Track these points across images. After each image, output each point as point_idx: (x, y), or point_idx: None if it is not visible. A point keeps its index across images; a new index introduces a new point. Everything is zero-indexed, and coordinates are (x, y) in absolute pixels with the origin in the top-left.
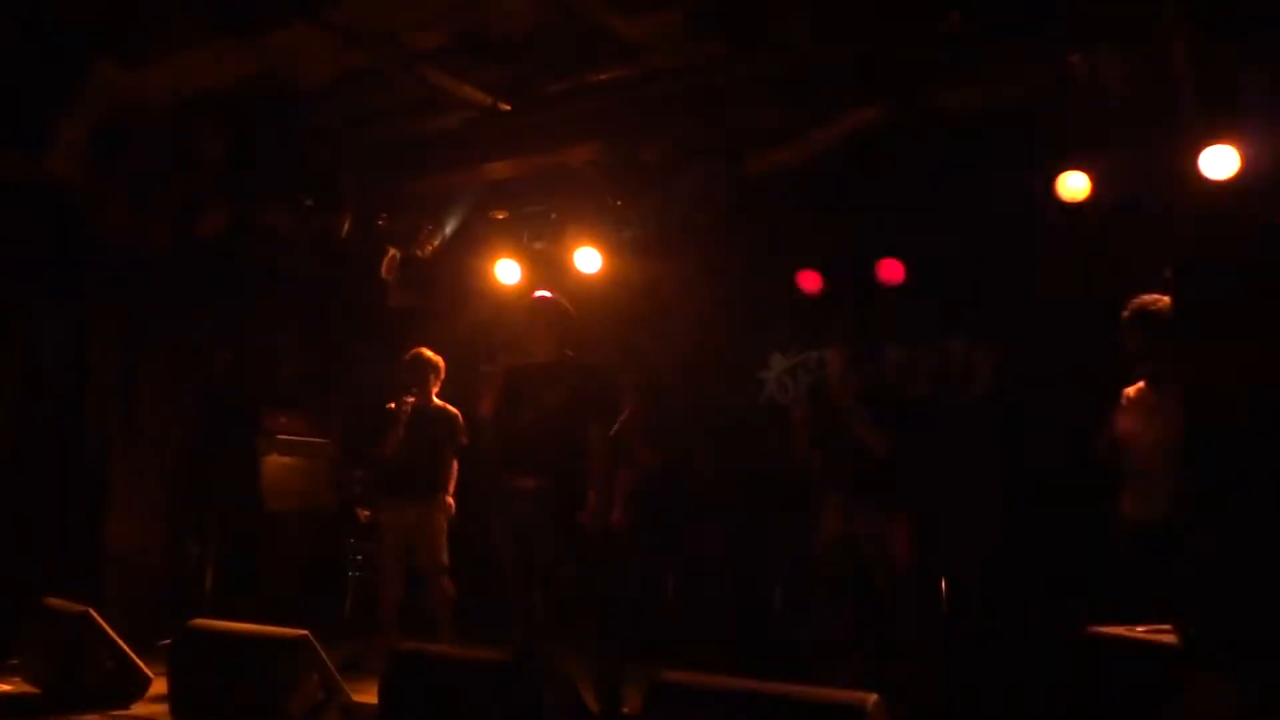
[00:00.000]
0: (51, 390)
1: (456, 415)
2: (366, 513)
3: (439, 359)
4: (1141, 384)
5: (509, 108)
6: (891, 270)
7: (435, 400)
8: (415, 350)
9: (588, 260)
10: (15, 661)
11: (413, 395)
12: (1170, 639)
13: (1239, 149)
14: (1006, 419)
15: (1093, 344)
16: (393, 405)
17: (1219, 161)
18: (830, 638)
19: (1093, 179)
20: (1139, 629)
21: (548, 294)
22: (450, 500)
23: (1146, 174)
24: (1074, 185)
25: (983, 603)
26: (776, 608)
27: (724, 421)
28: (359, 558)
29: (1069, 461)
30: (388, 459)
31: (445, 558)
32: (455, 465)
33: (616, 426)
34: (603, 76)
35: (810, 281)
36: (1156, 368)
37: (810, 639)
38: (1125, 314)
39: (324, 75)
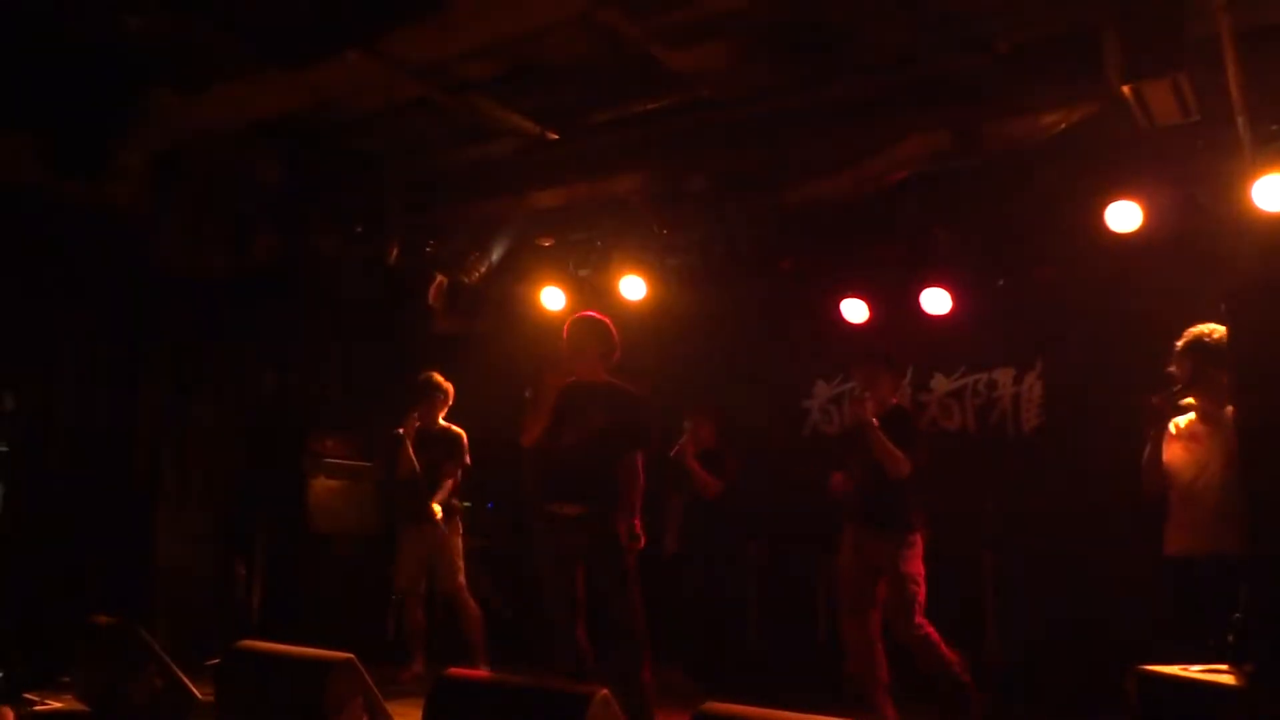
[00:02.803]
0: (102, 410)
1: (460, 436)
2: None
3: (448, 385)
4: (1193, 415)
5: (556, 136)
6: (937, 300)
7: (440, 422)
8: (426, 373)
9: (633, 288)
10: (66, 679)
11: (417, 419)
12: (1229, 679)
13: None
14: (1055, 451)
15: (1144, 376)
16: (400, 430)
17: (1274, 192)
18: (857, 669)
19: (1144, 209)
20: (1194, 669)
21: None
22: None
23: (1199, 204)
24: (1125, 215)
25: (1027, 639)
26: (821, 638)
27: (768, 450)
28: None
29: (1120, 495)
30: (402, 483)
31: (462, 577)
32: (451, 483)
33: (675, 448)
34: (650, 106)
35: (855, 310)
36: (1207, 399)
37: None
38: (1178, 344)
39: (376, 103)
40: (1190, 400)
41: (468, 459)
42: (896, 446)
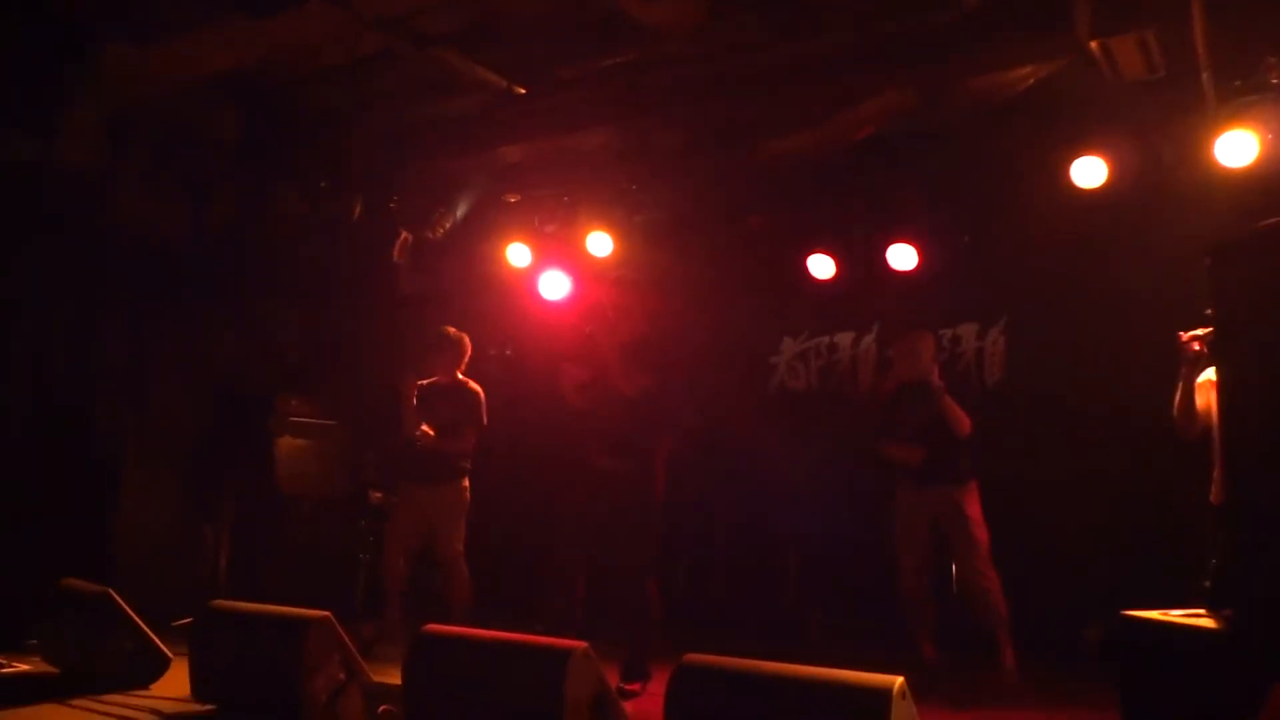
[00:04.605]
0: (62, 374)
1: (477, 393)
2: (379, 495)
3: (464, 336)
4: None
5: (524, 91)
6: (903, 256)
7: (459, 377)
8: (440, 328)
9: (600, 245)
10: (34, 641)
11: (419, 374)
12: (1208, 623)
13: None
14: (1018, 405)
15: (1107, 329)
16: (400, 386)
17: (1236, 148)
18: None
19: (1109, 165)
20: (1175, 613)
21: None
22: (466, 483)
23: (1163, 160)
24: (1090, 171)
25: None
26: (789, 592)
27: (735, 405)
28: (371, 540)
29: (1082, 447)
30: (410, 441)
31: (462, 544)
32: (472, 445)
33: None
34: (619, 60)
35: (822, 267)
36: None
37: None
38: None
39: (338, 57)
40: None
41: (485, 419)
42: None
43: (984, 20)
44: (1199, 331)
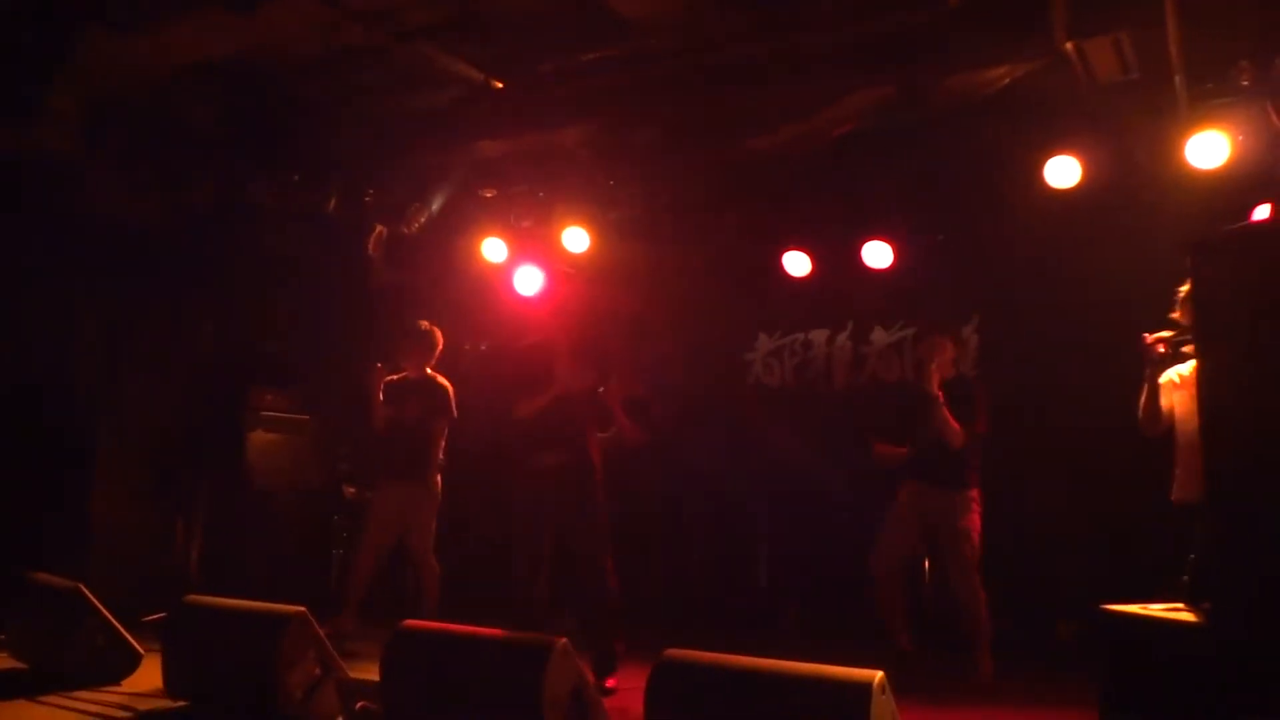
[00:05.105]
0: (36, 364)
1: (448, 388)
2: (353, 490)
3: (437, 331)
4: (1196, 363)
5: (501, 85)
6: (879, 254)
7: (428, 372)
8: (414, 321)
9: (576, 240)
10: (2, 636)
11: (389, 367)
12: (1189, 617)
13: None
14: (991, 402)
15: (1078, 328)
16: (366, 379)
17: (1207, 150)
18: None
19: (1083, 165)
20: (1155, 608)
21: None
22: (438, 478)
23: (1136, 161)
24: (1064, 171)
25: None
26: (762, 587)
27: (710, 401)
28: (345, 535)
29: (1052, 446)
30: (382, 435)
31: (432, 539)
32: (442, 441)
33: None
34: (598, 55)
35: (797, 264)
36: None
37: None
38: (1182, 290)
39: (318, 49)
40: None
41: (455, 412)
42: (960, 417)
43: (962, 20)
44: (1164, 334)
